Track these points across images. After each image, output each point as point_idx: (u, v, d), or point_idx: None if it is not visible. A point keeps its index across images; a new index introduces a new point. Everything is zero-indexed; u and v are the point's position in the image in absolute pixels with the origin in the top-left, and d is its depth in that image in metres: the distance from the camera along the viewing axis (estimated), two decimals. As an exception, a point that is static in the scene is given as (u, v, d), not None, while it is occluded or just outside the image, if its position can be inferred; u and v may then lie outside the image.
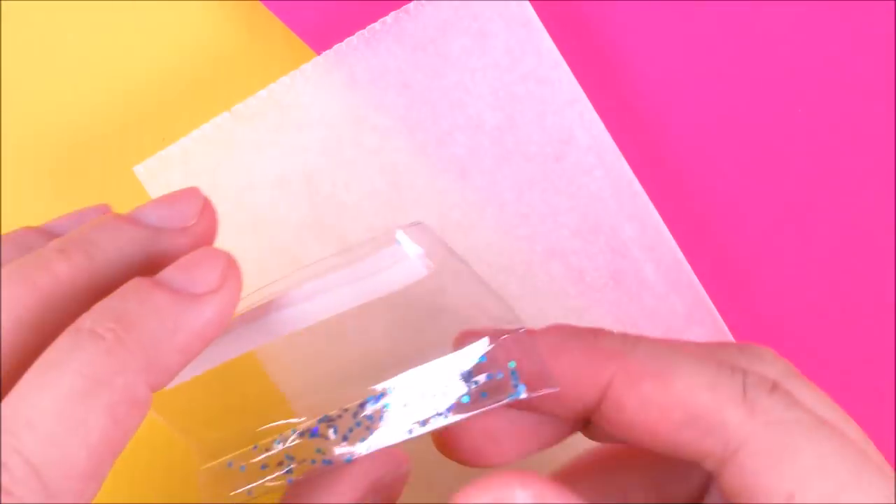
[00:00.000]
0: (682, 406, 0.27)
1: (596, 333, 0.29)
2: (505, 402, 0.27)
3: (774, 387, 0.28)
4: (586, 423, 0.30)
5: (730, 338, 0.42)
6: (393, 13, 0.42)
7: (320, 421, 0.28)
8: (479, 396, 0.28)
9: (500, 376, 0.28)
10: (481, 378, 0.28)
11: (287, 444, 0.28)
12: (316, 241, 0.43)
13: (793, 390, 0.28)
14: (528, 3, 0.41)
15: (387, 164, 0.43)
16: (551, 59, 0.41)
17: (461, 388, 0.28)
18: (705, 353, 0.29)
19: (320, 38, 0.44)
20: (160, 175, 0.43)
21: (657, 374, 0.28)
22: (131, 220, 0.29)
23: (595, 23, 0.43)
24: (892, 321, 0.43)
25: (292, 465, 0.28)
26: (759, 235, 0.44)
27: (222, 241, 0.43)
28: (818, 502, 0.26)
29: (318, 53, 0.43)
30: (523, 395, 0.27)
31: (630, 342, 0.29)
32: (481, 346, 0.28)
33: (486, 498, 0.25)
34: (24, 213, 0.45)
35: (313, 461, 0.28)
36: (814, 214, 0.43)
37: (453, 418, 0.27)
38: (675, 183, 0.44)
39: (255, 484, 0.29)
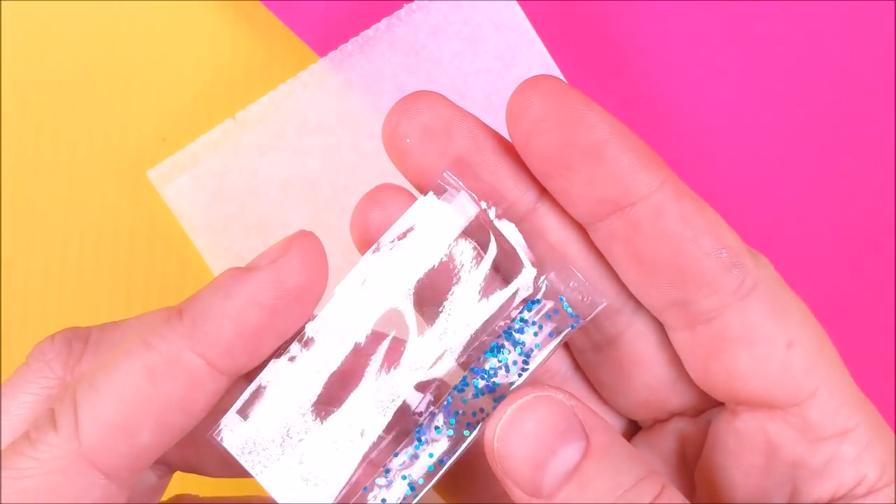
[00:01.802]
0: (714, 233, 0.28)
1: (647, 146, 0.29)
2: (566, 335, 0.28)
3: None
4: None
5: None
6: (385, 19, 0.42)
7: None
8: (546, 338, 0.28)
9: (556, 313, 0.28)
10: (543, 321, 0.28)
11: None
12: (319, 243, 0.44)
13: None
14: (517, 6, 0.41)
15: (385, 168, 0.43)
16: (542, 63, 0.41)
17: (531, 339, 0.28)
18: None
19: (323, 40, 0.44)
20: (171, 179, 0.44)
21: (694, 197, 0.28)
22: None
23: (595, 23, 0.43)
24: (892, 321, 0.42)
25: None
26: (759, 235, 0.43)
27: (229, 243, 0.44)
28: (808, 353, 0.28)
29: (321, 56, 0.43)
30: (581, 323, 0.28)
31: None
32: (527, 283, 0.28)
33: (532, 394, 0.26)
34: (25, 212, 0.46)
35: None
36: (813, 214, 0.43)
37: (533, 366, 0.28)
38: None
39: None
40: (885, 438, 0.29)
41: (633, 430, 0.33)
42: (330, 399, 0.28)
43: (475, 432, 0.27)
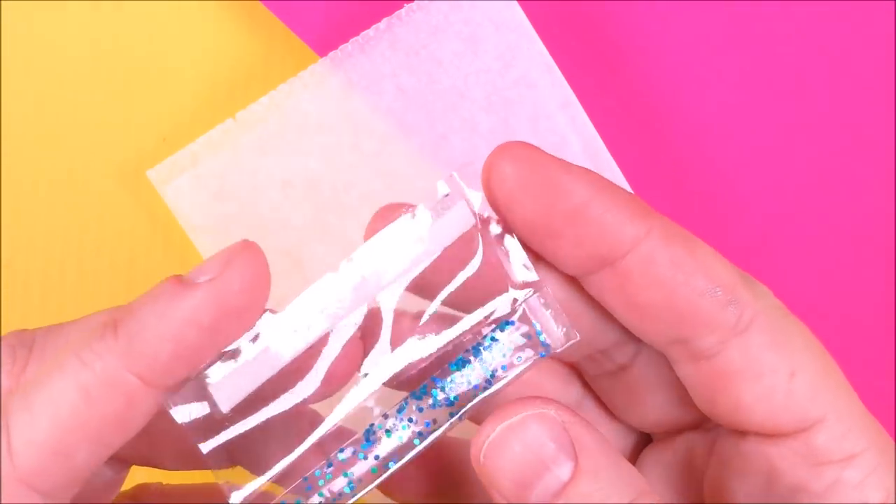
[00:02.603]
0: (707, 274, 0.28)
1: (628, 194, 0.29)
2: (533, 363, 0.28)
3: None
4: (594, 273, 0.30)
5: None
6: (385, 19, 0.42)
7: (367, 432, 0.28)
8: (513, 362, 0.28)
9: (529, 339, 0.28)
10: (513, 344, 0.28)
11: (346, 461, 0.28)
12: (319, 243, 0.44)
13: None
14: (517, 6, 0.41)
15: (385, 168, 0.43)
16: (542, 63, 0.41)
17: (498, 359, 0.28)
18: None
19: (323, 40, 0.44)
20: (171, 179, 0.44)
21: (687, 238, 0.28)
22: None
23: (595, 23, 0.43)
24: (892, 321, 0.42)
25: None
26: (759, 235, 0.43)
27: (229, 243, 0.44)
28: (811, 380, 0.28)
29: (322, 56, 0.43)
30: (551, 353, 0.28)
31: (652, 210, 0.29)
32: (505, 304, 0.28)
33: (522, 412, 0.26)
34: (24, 212, 0.46)
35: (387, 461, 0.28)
36: (813, 214, 0.43)
37: (495, 388, 0.28)
38: (675, 183, 0.43)
39: None
40: (893, 463, 0.28)
41: (645, 441, 0.33)
42: (275, 393, 0.27)
43: (425, 443, 0.27)
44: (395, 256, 0.28)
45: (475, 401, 0.27)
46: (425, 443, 0.27)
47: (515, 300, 0.28)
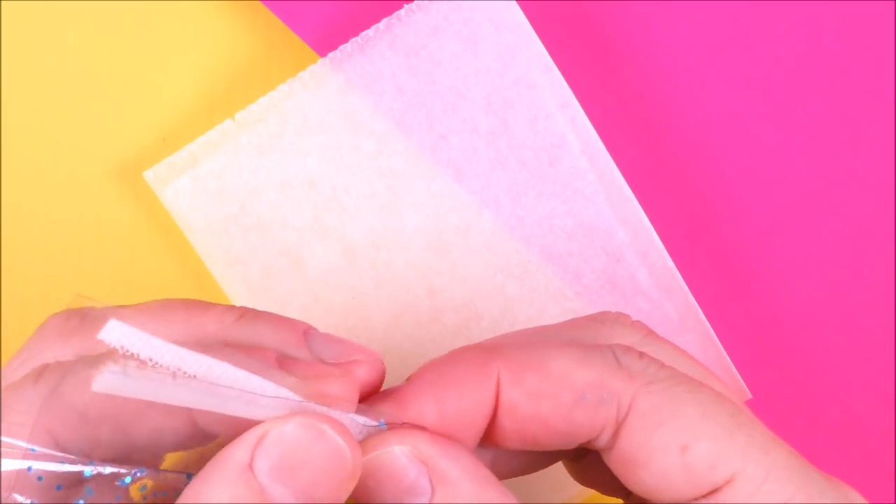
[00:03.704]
0: (567, 386, 0.28)
1: (457, 354, 0.30)
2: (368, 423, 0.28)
3: (641, 354, 0.29)
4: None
5: (719, 346, 0.42)
6: (385, 19, 0.42)
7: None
8: None
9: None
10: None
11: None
12: (319, 243, 0.44)
13: (657, 353, 0.30)
14: (517, 7, 0.41)
15: (385, 168, 0.43)
16: (542, 64, 0.41)
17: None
18: (567, 333, 0.31)
19: (323, 40, 0.44)
20: (169, 181, 0.44)
21: (534, 364, 0.29)
22: None
23: (595, 23, 0.43)
24: (892, 321, 0.42)
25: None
26: (758, 236, 0.43)
27: (228, 243, 0.44)
28: (708, 449, 0.28)
29: (322, 56, 0.43)
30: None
31: (496, 345, 0.30)
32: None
33: (368, 455, 0.27)
34: (25, 214, 0.46)
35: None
36: (813, 216, 0.42)
37: None
38: (675, 183, 0.43)
39: None
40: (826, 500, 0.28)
41: None
42: None
43: None
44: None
45: None
46: None
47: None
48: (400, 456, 0.27)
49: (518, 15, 0.41)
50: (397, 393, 0.29)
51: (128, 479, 0.27)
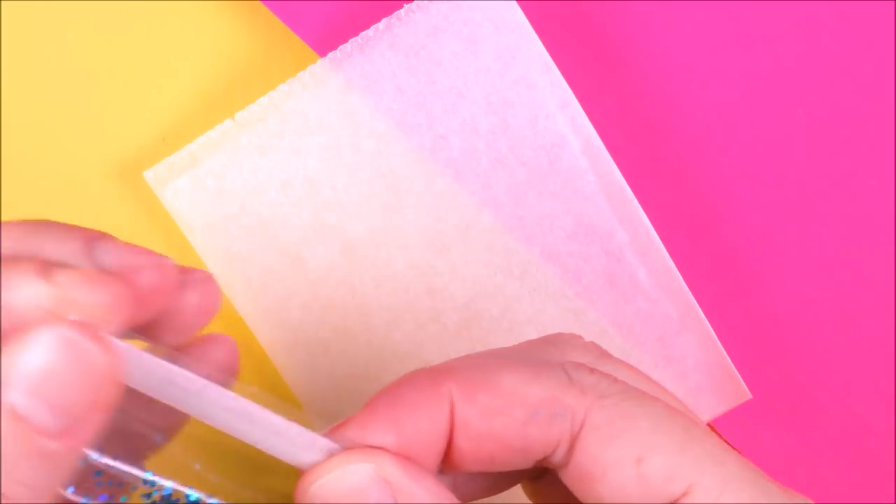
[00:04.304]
0: (519, 403, 0.28)
1: (409, 378, 0.30)
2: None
3: (592, 370, 0.29)
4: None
5: (719, 346, 0.42)
6: (385, 19, 0.42)
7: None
8: None
9: None
10: None
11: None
12: (319, 243, 0.44)
13: (611, 372, 0.30)
14: (517, 7, 0.41)
15: (385, 168, 0.43)
16: (542, 64, 0.41)
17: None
18: (519, 354, 0.30)
19: (323, 40, 0.44)
20: (169, 181, 0.44)
21: (485, 381, 0.28)
22: None
23: (595, 23, 0.43)
24: (892, 321, 0.42)
25: None
26: (758, 236, 0.43)
27: (230, 243, 0.44)
28: (663, 461, 0.28)
29: (321, 56, 0.43)
30: None
31: (447, 366, 0.29)
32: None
33: (329, 473, 0.27)
34: (25, 213, 0.44)
35: None
36: (813, 216, 0.42)
37: None
38: (675, 183, 0.43)
39: None
40: None
41: None
42: None
43: None
44: None
45: None
46: None
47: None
48: (363, 475, 0.27)
49: (518, 15, 0.41)
50: (355, 419, 0.28)
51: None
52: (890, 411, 0.42)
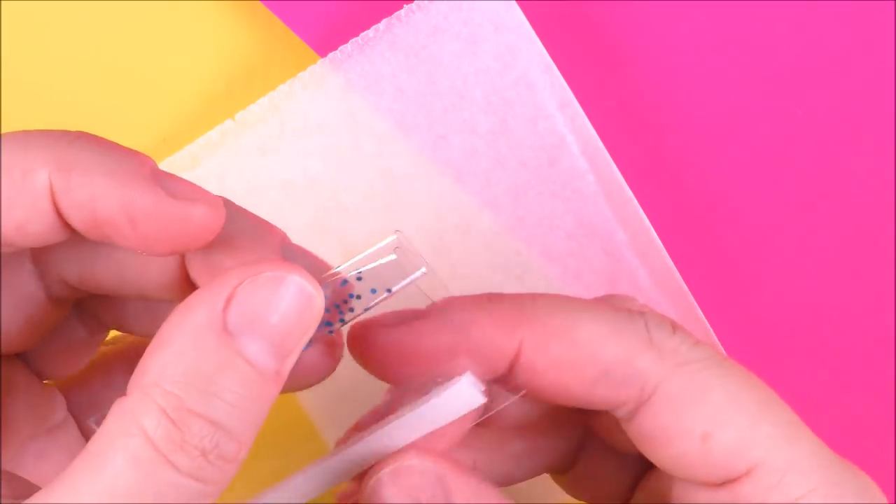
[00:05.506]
0: (592, 362, 0.28)
1: (492, 299, 0.29)
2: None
3: (676, 327, 0.29)
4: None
5: (718, 346, 0.42)
6: (385, 20, 0.42)
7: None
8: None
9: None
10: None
11: None
12: (320, 243, 0.44)
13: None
14: (517, 7, 0.41)
15: (385, 168, 0.43)
16: (542, 64, 0.41)
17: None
18: (601, 302, 0.30)
19: (323, 40, 0.44)
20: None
21: (562, 331, 0.28)
22: None
23: (595, 23, 0.43)
24: (892, 321, 0.42)
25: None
26: (758, 236, 0.43)
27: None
28: (730, 437, 0.27)
29: (322, 56, 0.43)
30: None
31: (529, 304, 0.29)
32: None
33: (388, 468, 0.27)
34: None
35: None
36: (813, 216, 0.42)
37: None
38: (674, 183, 0.43)
39: None
40: (850, 495, 0.28)
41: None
42: None
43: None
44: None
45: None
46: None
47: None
48: (419, 469, 0.27)
49: (518, 15, 0.41)
50: (419, 320, 0.29)
51: None
52: (889, 411, 0.42)
